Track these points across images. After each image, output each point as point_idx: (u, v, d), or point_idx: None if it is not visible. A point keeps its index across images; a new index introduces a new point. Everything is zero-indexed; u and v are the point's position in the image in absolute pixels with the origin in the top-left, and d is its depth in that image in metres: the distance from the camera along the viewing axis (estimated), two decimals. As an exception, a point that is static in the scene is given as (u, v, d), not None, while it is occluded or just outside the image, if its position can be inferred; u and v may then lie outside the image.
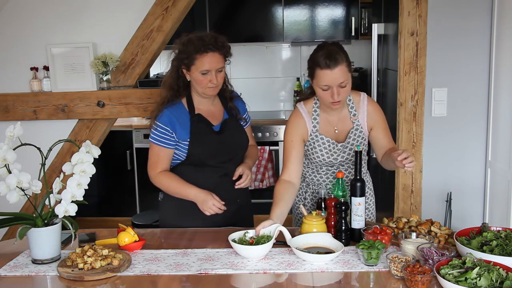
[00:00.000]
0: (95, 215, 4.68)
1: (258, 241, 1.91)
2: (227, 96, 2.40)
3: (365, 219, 2.06)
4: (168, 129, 2.25)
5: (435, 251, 1.77)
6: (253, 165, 2.42)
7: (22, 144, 1.89)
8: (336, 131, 2.27)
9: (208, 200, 2.20)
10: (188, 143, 2.26)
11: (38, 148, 1.90)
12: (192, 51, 2.18)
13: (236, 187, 2.30)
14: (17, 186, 1.85)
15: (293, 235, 1.98)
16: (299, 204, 2.35)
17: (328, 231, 2.02)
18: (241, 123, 2.41)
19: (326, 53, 2.09)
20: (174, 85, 2.29)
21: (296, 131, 2.26)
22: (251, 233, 1.96)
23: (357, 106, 2.28)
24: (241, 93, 2.60)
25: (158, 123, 2.26)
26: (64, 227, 1.91)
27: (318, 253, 1.87)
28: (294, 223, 2.48)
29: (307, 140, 2.27)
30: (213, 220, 2.26)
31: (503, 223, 2.83)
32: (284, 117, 4.84)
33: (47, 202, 1.91)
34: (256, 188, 4.49)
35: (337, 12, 4.81)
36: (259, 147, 4.44)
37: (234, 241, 1.92)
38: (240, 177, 2.32)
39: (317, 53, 2.13)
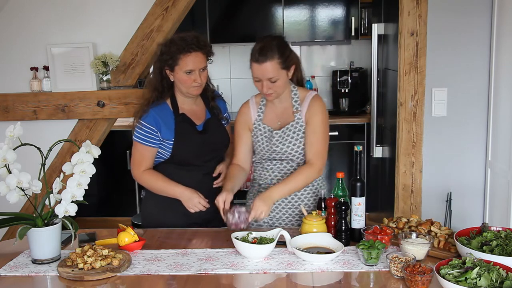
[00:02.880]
0: (95, 215, 4.68)
1: (260, 242, 1.91)
2: (209, 96, 2.46)
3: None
4: (154, 128, 2.30)
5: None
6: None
7: (22, 144, 1.89)
8: (279, 123, 2.31)
9: (193, 198, 2.27)
10: (172, 142, 2.32)
11: (38, 148, 1.90)
12: (176, 51, 2.24)
13: (214, 185, 2.38)
14: (17, 186, 1.85)
15: (293, 236, 1.98)
16: (300, 204, 2.35)
17: (328, 231, 2.02)
18: (223, 122, 2.47)
19: (259, 47, 2.15)
20: (159, 86, 2.34)
21: (241, 121, 2.35)
22: (254, 234, 1.96)
23: (302, 101, 2.31)
24: (222, 93, 2.65)
25: (143, 122, 2.30)
26: (64, 227, 1.92)
27: (318, 253, 1.87)
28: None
29: (252, 129, 2.33)
30: (195, 216, 2.31)
31: (503, 223, 2.83)
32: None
33: (47, 202, 1.91)
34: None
35: (337, 12, 4.81)
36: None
37: (237, 238, 1.92)
38: (219, 175, 2.40)
39: (255, 45, 2.19)
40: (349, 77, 4.88)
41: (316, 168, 2.23)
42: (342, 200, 2.02)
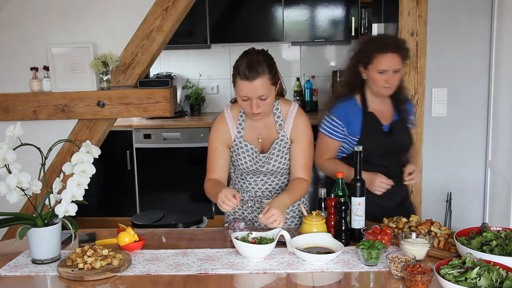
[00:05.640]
0: (95, 215, 4.68)
1: (260, 242, 1.91)
2: (401, 98, 2.45)
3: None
4: (341, 123, 2.37)
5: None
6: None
7: (22, 144, 1.89)
8: (260, 140, 2.24)
9: (375, 179, 2.26)
10: (357, 139, 2.35)
11: (38, 148, 1.90)
12: (372, 50, 2.29)
13: (405, 182, 2.36)
14: (17, 186, 1.85)
15: (293, 236, 1.98)
16: (299, 205, 2.35)
17: (328, 231, 2.02)
18: (409, 125, 2.47)
19: (247, 63, 2.04)
20: (350, 82, 2.41)
21: (220, 137, 2.24)
22: (254, 234, 1.96)
23: (285, 116, 2.24)
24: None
25: (332, 115, 2.39)
26: (64, 227, 1.91)
27: (318, 253, 1.87)
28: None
29: (232, 146, 2.24)
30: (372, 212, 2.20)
31: (503, 223, 2.84)
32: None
33: (47, 202, 1.91)
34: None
35: (337, 12, 4.81)
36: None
37: (237, 238, 1.92)
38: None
39: (240, 60, 2.08)
40: (349, 77, 4.87)
41: (308, 184, 2.25)
42: (342, 200, 2.02)
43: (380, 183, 2.26)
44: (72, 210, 1.85)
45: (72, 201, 1.85)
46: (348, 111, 2.37)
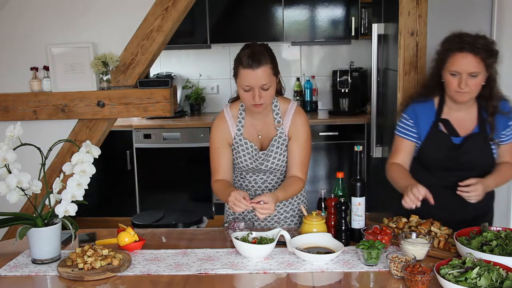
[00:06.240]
0: (95, 215, 4.68)
1: (260, 242, 1.91)
2: (489, 110, 2.14)
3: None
4: (412, 122, 2.22)
5: None
6: (494, 185, 2.22)
7: (22, 144, 1.89)
8: (260, 137, 2.24)
9: (410, 187, 2.02)
10: (420, 143, 2.23)
11: (38, 148, 1.90)
12: (446, 48, 2.10)
13: (458, 192, 2.06)
14: (17, 186, 1.85)
15: (293, 236, 1.98)
16: (300, 204, 2.35)
17: (328, 231, 2.02)
18: (491, 144, 2.17)
19: (250, 52, 2.06)
20: (428, 82, 2.25)
21: (221, 137, 2.24)
22: (254, 234, 1.96)
23: (283, 113, 2.24)
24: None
25: (403, 114, 2.27)
26: (64, 227, 1.92)
27: (318, 253, 1.87)
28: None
29: (232, 144, 2.24)
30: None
31: (503, 223, 2.83)
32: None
33: (47, 202, 1.91)
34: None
35: (337, 12, 4.81)
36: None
37: (237, 238, 1.92)
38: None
39: (243, 52, 2.10)
40: (349, 77, 4.88)
41: (304, 183, 2.23)
42: (342, 200, 2.02)
43: (409, 193, 1.99)
44: (72, 210, 1.85)
45: (72, 201, 1.85)
46: (420, 112, 2.21)
